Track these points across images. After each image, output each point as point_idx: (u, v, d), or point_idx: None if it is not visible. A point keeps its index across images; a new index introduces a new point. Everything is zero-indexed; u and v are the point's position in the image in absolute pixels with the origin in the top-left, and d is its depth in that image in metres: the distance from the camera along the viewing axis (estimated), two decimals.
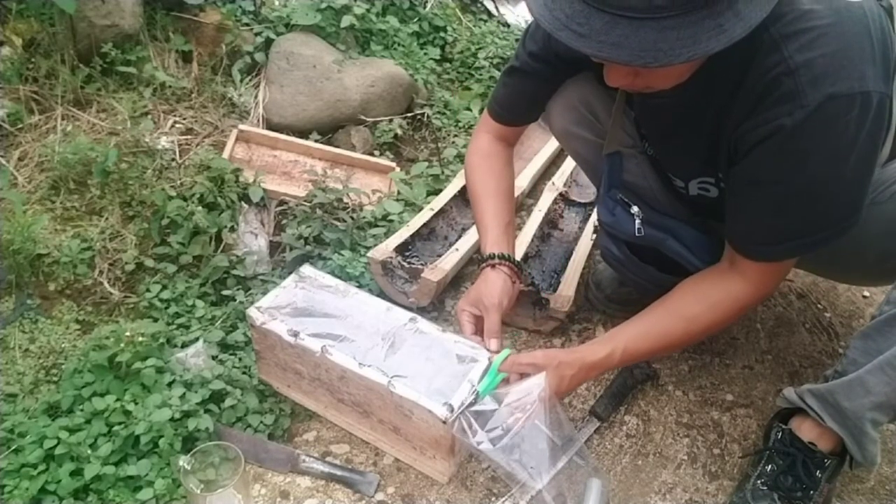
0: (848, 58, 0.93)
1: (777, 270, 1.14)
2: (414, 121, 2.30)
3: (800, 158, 0.99)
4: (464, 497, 1.27)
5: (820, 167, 0.99)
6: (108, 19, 1.98)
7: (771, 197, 1.05)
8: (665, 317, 1.19)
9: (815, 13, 0.95)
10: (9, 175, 1.76)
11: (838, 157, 0.98)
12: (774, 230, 1.07)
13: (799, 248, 1.08)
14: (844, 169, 0.99)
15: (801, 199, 1.03)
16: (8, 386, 1.38)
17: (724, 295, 1.15)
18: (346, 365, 1.23)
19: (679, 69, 0.98)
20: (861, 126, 0.95)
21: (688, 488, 1.33)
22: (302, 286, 1.38)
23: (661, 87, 1.02)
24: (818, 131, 0.95)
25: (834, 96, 0.92)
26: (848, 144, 0.96)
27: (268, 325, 1.29)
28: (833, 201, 1.02)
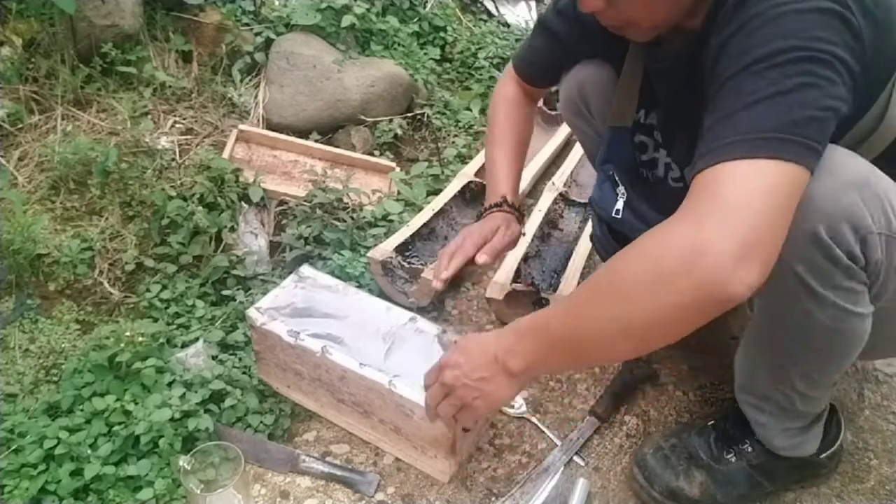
0: None
1: (714, 186, 0.78)
2: (414, 121, 2.30)
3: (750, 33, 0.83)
4: (464, 497, 1.27)
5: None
6: (108, 19, 1.98)
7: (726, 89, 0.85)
8: (600, 273, 0.89)
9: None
10: (9, 175, 1.76)
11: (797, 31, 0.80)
12: (719, 127, 0.83)
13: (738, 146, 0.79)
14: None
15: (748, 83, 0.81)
16: (8, 386, 1.38)
17: (652, 232, 0.82)
18: (347, 365, 1.23)
19: (650, 6, 0.92)
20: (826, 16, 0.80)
21: None
22: (301, 286, 1.38)
23: (638, 21, 0.95)
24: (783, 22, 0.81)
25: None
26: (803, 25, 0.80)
27: (268, 325, 1.29)
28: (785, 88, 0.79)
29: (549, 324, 0.90)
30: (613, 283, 0.83)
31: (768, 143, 0.76)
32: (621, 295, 0.81)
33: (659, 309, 0.79)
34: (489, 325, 1.65)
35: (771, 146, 0.76)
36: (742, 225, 0.74)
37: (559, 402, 1.46)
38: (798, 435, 1.20)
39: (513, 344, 0.93)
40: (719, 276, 0.73)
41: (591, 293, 0.87)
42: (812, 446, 1.22)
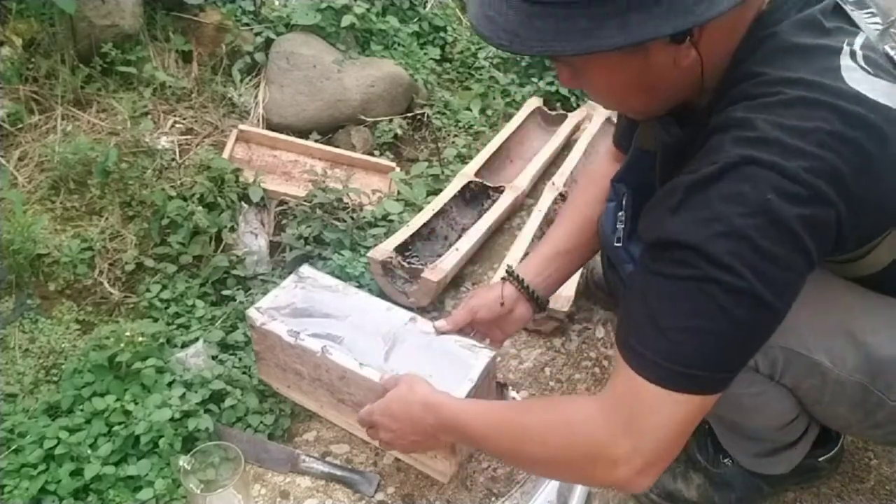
0: (800, 134, 0.73)
1: (632, 402, 0.80)
2: (414, 121, 2.30)
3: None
4: (464, 497, 1.27)
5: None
6: (108, 19, 1.98)
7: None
8: (509, 407, 1.03)
9: (793, 82, 0.76)
10: (9, 175, 1.76)
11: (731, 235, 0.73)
12: (630, 319, 0.83)
13: (638, 358, 0.80)
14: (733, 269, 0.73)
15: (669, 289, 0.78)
16: (8, 386, 1.38)
17: (568, 406, 0.91)
18: (347, 365, 1.23)
19: (609, 83, 0.86)
20: (776, 212, 0.72)
21: None
22: (301, 286, 1.38)
23: (597, 99, 0.93)
24: (716, 195, 0.74)
25: (754, 160, 0.73)
26: (747, 228, 0.72)
27: (268, 325, 1.29)
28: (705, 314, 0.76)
29: (465, 430, 0.99)
30: (524, 436, 0.91)
31: (688, 379, 0.78)
32: (528, 450, 0.91)
33: (558, 474, 0.99)
34: None
35: (690, 382, 0.78)
36: (652, 451, 0.81)
37: None
38: (763, 456, 1.17)
39: (438, 428, 1.03)
40: (619, 483, 0.83)
41: (501, 431, 0.95)
42: (782, 468, 1.18)
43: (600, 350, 1.59)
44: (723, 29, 0.80)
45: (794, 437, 1.14)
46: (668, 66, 0.81)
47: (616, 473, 0.82)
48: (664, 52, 0.79)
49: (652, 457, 0.81)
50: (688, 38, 0.77)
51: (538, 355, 1.57)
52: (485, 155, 2.06)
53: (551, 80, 2.53)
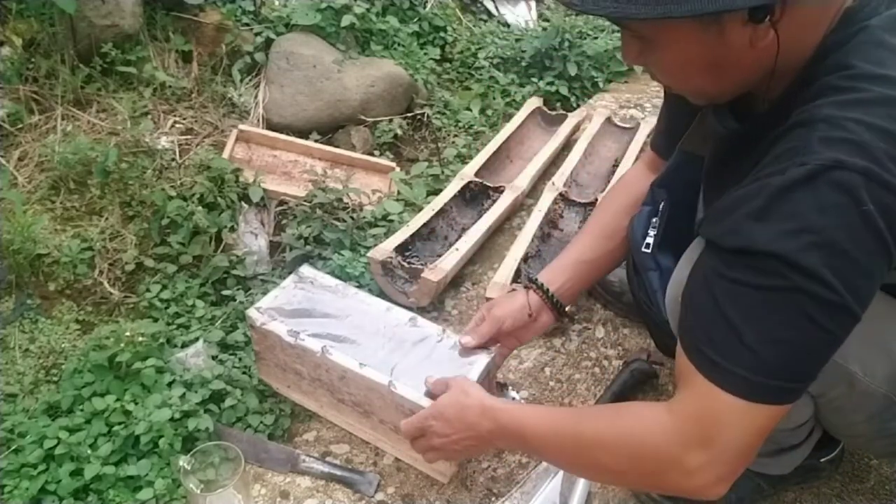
0: (892, 137, 0.70)
1: (710, 415, 0.78)
2: (414, 121, 2.30)
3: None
4: (464, 497, 1.27)
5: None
6: (108, 19, 1.98)
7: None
8: (571, 414, 1.00)
9: (883, 79, 0.73)
10: (9, 175, 1.76)
11: (825, 245, 0.71)
12: (703, 326, 0.80)
13: (712, 368, 0.77)
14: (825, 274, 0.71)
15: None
16: (8, 386, 1.38)
17: (636, 417, 0.88)
18: (347, 365, 1.23)
19: (679, 58, 0.82)
20: (871, 222, 0.69)
21: None
22: (301, 286, 1.38)
23: (663, 76, 0.89)
24: (808, 202, 0.71)
25: (846, 165, 0.69)
26: (839, 235, 0.70)
27: (268, 325, 1.29)
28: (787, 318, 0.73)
29: (525, 437, 0.97)
30: (590, 445, 0.90)
31: (771, 390, 0.76)
32: (594, 459, 0.90)
33: (626, 482, 1.04)
34: None
35: (773, 393, 0.76)
36: (729, 461, 0.79)
37: (559, 402, 1.46)
38: (764, 456, 1.16)
39: (496, 433, 1.02)
40: (694, 492, 0.82)
41: (563, 440, 0.93)
42: (783, 468, 1.17)
43: (600, 350, 1.59)
44: (805, 17, 0.78)
45: (800, 440, 1.13)
46: (744, 47, 0.78)
47: (691, 482, 0.81)
48: (741, 30, 0.76)
49: (728, 467, 0.80)
50: (767, 17, 0.75)
51: (538, 355, 1.57)
52: (485, 155, 2.06)
53: (551, 80, 2.53)
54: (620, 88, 2.69)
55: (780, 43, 0.77)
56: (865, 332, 0.85)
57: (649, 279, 1.14)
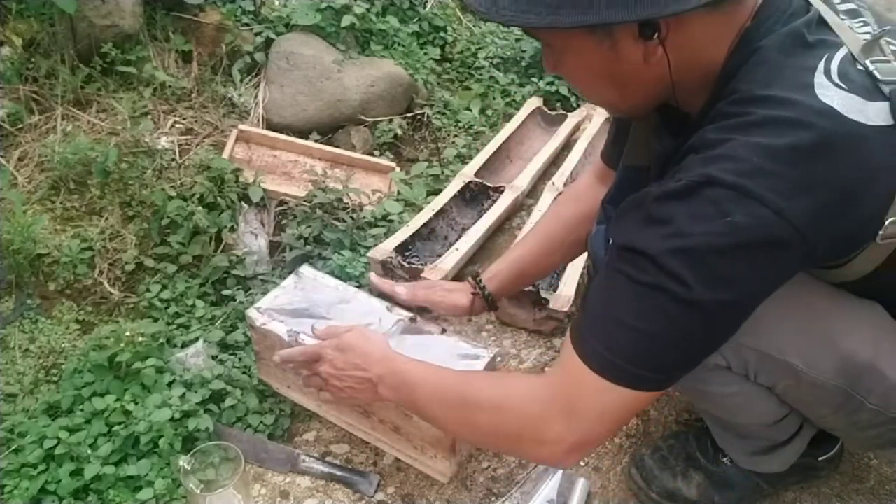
0: (770, 153, 0.73)
1: (574, 388, 0.84)
2: (414, 121, 2.30)
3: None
4: (464, 497, 1.27)
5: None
6: (108, 19, 1.98)
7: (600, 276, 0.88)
8: (459, 374, 1.05)
9: (765, 101, 0.76)
10: (9, 175, 1.76)
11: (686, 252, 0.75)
12: (589, 313, 0.87)
13: (588, 349, 0.83)
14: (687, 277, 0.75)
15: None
16: (8, 386, 1.38)
17: (513, 383, 0.97)
18: None
19: (580, 69, 0.88)
20: (735, 233, 0.73)
21: None
22: (301, 287, 1.38)
23: (573, 86, 0.94)
24: (680, 211, 0.76)
25: (717, 180, 0.74)
26: (708, 247, 0.74)
27: (267, 325, 1.29)
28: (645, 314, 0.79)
29: (413, 389, 1.03)
30: (465, 404, 0.97)
31: (628, 374, 0.81)
32: (466, 418, 0.97)
33: (490, 444, 1.10)
34: (489, 325, 1.65)
35: (629, 377, 0.81)
36: (583, 435, 0.86)
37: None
38: (758, 454, 1.17)
39: (386, 379, 1.06)
40: (546, 460, 0.94)
41: (445, 396, 1.00)
42: (777, 466, 1.18)
43: None
44: (697, 36, 0.81)
45: (788, 436, 1.14)
46: (638, 62, 0.82)
47: (543, 451, 0.89)
48: (633, 45, 0.81)
49: (581, 440, 0.86)
50: (655, 34, 0.79)
51: (538, 355, 1.57)
52: (485, 155, 2.06)
53: (551, 80, 2.53)
54: None
55: (673, 60, 0.82)
56: (803, 325, 0.91)
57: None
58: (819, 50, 0.79)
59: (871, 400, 0.93)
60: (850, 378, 0.92)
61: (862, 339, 0.91)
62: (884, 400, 0.93)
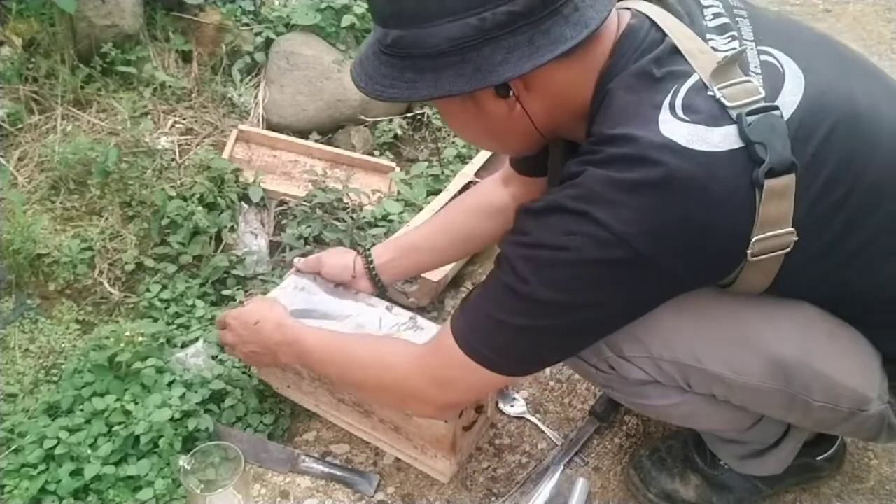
0: (618, 187, 0.79)
1: (446, 360, 0.97)
2: (414, 121, 2.30)
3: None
4: (464, 497, 1.27)
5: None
6: (108, 19, 1.98)
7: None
8: (347, 337, 1.20)
9: (615, 140, 0.81)
10: (9, 175, 1.76)
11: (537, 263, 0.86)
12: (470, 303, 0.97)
13: (462, 333, 0.95)
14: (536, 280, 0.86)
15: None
16: (8, 386, 1.38)
17: (394, 348, 1.12)
18: None
19: (457, 126, 1.00)
20: (575, 249, 0.82)
21: None
22: (301, 287, 1.38)
23: (461, 136, 1.08)
24: (534, 225, 0.87)
25: (565, 208, 0.82)
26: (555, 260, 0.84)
27: None
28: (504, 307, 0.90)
29: (306, 353, 1.17)
30: (351, 363, 1.13)
31: (483, 356, 0.93)
32: (352, 376, 1.14)
33: (376, 400, 1.22)
34: None
35: (484, 359, 0.93)
36: (450, 399, 1.04)
37: (559, 402, 1.46)
38: (748, 457, 1.16)
39: (282, 346, 1.19)
40: (424, 415, 1.15)
41: (334, 356, 1.15)
42: (773, 468, 1.17)
43: None
44: (559, 82, 0.88)
45: (774, 438, 1.13)
46: (504, 117, 0.90)
47: (417, 407, 1.10)
48: (495, 104, 0.89)
49: (447, 404, 1.06)
50: (510, 92, 0.87)
51: None
52: (485, 155, 2.06)
53: None
54: None
55: (534, 111, 0.90)
56: (725, 334, 0.95)
57: None
58: (667, 83, 0.82)
59: (816, 397, 0.94)
60: (782, 379, 0.93)
61: (786, 339, 0.92)
62: (829, 396, 0.94)
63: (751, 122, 0.78)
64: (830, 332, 0.94)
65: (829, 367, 0.92)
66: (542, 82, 0.87)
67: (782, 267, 0.86)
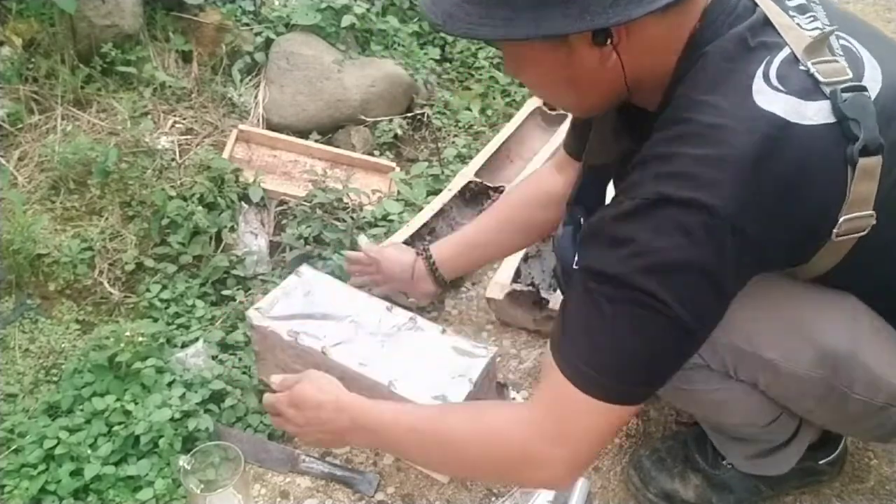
0: (712, 164, 0.76)
1: (564, 410, 0.85)
2: (414, 121, 2.30)
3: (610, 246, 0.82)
4: (464, 497, 1.27)
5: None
6: (108, 19, 1.98)
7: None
8: (431, 411, 1.05)
9: (705, 109, 0.79)
10: (9, 175, 1.76)
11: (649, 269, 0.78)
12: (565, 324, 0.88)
13: (566, 361, 0.85)
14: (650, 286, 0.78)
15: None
16: (8, 386, 1.38)
17: (496, 413, 0.95)
18: (347, 365, 1.23)
19: (538, 75, 0.90)
20: (694, 245, 0.76)
21: None
22: (301, 287, 1.38)
23: (532, 90, 0.97)
24: (636, 231, 0.79)
25: (669, 198, 0.77)
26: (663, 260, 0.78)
27: (268, 326, 1.29)
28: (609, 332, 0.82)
29: (379, 435, 1.01)
30: (445, 442, 0.96)
31: (611, 391, 0.83)
32: (448, 456, 0.97)
33: (480, 477, 1.13)
34: (489, 325, 1.65)
35: (614, 393, 0.83)
36: (577, 455, 0.88)
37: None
38: (758, 457, 1.16)
39: (350, 432, 1.04)
40: (545, 484, 0.98)
41: (420, 438, 0.98)
42: (780, 468, 1.17)
43: None
44: (650, 39, 0.83)
45: (785, 437, 1.13)
46: (594, 67, 0.84)
47: (542, 475, 0.90)
48: (589, 51, 0.83)
49: (576, 461, 0.88)
50: (609, 40, 0.81)
51: (538, 355, 1.57)
52: (485, 155, 2.06)
53: None
54: None
55: (626, 64, 0.84)
56: (777, 319, 0.93)
57: None
58: (760, 53, 0.80)
59: (856, 390, 0.93)
60: (829, 369, 0.92)
61: (838, 330, 0.92)
62: (868, 390, 0.94)
63: (845, 99, 0.77)
64: (872, 324, 0.93)
65: (872, 361, 0.92)
66: (638, 35, 0.82)
67: (850, 251, 0.84)
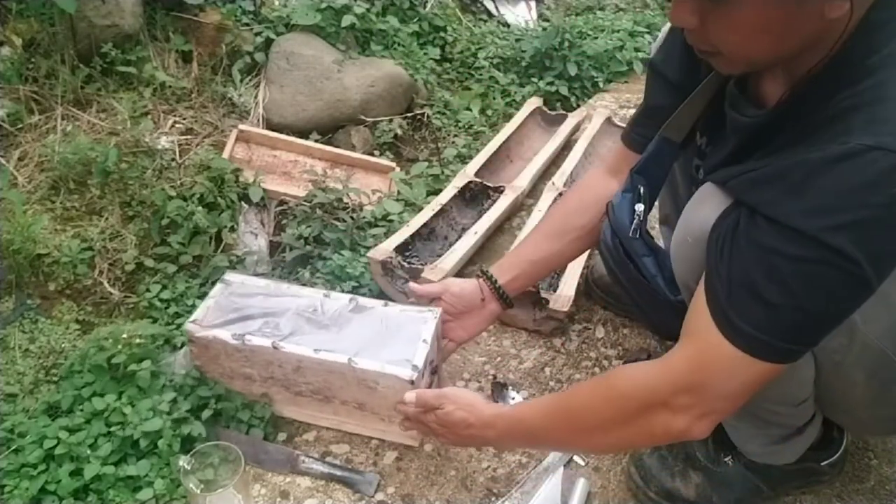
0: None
1: (708, 362, 0.85)
2: (414, 121, 2.30)
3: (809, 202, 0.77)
4: (464, 497, 1.27)
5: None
6: (108, 19, 1.98)
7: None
8: (558, 395, 1.12)
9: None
10: (9, 175, 1.76)
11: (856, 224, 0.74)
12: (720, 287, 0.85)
13: (729, 324, 0.83)
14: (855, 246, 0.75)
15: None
16: (8, 386, 1.38)
17: (620, 374, 0.97)
18: (302, 354, 1.24)
19: (751, 18, 0.79)
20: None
21: None
22: (231, 292, 1.36)
23: (722, 34, 0.84)
24: (840, 183, 0.74)
25: (882, 147, 0.72)
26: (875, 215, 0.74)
27: (210, 334, 1.27)
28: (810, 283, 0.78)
29: (526, 433, 1.06)
30: (579, 418, 0.98)
31: (772, 349, 0.81)
32: (585, 427, 0.98)
33: (614, 447, 1.14)
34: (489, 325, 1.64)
35: (773, 352, 0.82)
36: (715, 403, 0.87)
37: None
38: (773, 444, 1.17)
39: (502, 438, 1.09)
40: (680, 431, 0.90)
41: (556, 421, 1.01)
42: (789, 456, 1.18)
43: (600, 350, 1.59)
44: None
45: (804, 421, 1.14)
46: (815, 16, 0.78)
47: (676, 423, 0.88)
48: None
49: (713, 408, 0.87)
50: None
51: (538, 355, 1.57)
52: (485, 155, 2.06)
53: (551, 80, 2.53)
54: (620, 88, 2.69)
55: (853, 14, 0.78)
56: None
57: (644, 265, 1.16)
58: None
59: None
60: (893, 342, 0.92)
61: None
62: None
63: None
64: None
65: None
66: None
67: None
